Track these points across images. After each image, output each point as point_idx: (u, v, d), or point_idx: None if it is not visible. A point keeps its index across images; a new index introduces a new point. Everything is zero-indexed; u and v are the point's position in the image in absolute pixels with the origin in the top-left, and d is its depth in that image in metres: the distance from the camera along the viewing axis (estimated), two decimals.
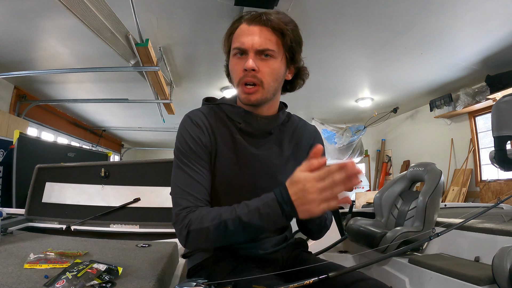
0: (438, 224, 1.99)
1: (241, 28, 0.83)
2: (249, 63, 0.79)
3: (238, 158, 0.86)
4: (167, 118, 6.11)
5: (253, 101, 0.83)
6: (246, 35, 0.81)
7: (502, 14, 3.09)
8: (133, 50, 3.39)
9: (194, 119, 0.87)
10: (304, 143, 0.95)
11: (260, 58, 0.81)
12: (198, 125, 0.85)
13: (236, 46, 0.82)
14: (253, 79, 0.81)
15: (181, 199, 0.77)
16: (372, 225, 2.19)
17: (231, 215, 0.71)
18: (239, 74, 0.82)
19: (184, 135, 0.84)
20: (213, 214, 0.73)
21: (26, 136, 3.62)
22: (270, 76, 0.82)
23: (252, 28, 0.81)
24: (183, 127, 0.86)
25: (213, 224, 0.71)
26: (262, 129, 0.88)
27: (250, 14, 0.84)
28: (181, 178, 0.80)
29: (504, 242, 1.50)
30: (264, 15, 0.81)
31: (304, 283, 0.70)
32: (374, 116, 6.58)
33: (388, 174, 7.52)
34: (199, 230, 0.72)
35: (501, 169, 1.53)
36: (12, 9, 2.97)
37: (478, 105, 4.90)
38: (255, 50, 0.80)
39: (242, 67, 0.81)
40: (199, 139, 0.84)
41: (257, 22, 0.81)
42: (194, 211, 0.75)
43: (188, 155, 0.82)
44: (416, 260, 1.79)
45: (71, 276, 0.72)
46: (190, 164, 0.81)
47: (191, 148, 0.82)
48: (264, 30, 0.81)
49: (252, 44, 0.80)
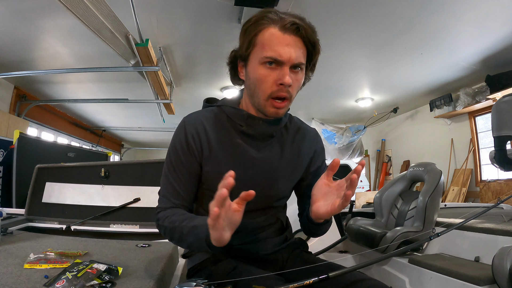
0: (438, 224, 1.99)
1: (273, 34, 0.76)
2: (288, 79, 0.76)
3: (237, 162, 0.85)
4: (167, 118, 6.11)
5: (281, 115, 0.83)
6: (282, 45, 0.75)
7: (502, 14, 3.09)
8: (133, 50, 3.39)
9: (188, 127, 0.86)
10: (306, 147, 0.95)
11: (292, 71, 0.78)
12: (191, 134, 0.86)
13: (271, 56, 0.76)
14: (286, 94, 0.79)
15: (161, 198, 0.88)
16: (372, 225, 2.18)
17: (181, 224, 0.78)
18: (271, 87, 0.78)
19: (176, 143, 0.87)
20: (173, 218, 0.80)
21: (26, 136, 3.61)
22: (297, 89, 0.82)
23: (287, 37, 0.76)
24: (176, 135, 0.88)
25: (169, 227, 0.80)
26: (265, 132, 0.87)
27: (277, 15, 0.77)
28: (164, 182, 0.88)
29: (504, 242, 1.49)
30: (299, 24, 0.76)
31: (304, 283, 0.70)
32: (374, 116, 6.58)
33: (388, 174, 7.52)
34: (160, 226, 0.83)
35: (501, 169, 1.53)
36: (12, 9, 2.97)
37: (478, 105, 4.90)
38: (292, 64, 0.77)
39: (274, 80, 0.77)
40: (188, 149, 0.85)
41: (292, 31, 0.76)
42: (165, 210, 0.84)
43: (175, 162, 0.87)
44: (416, 260, 1.78)
45: (71, 276, 0.72)
46: (173, 171, 0.86)
47: (179, 156, 0.86)
48: (299, 42, 0.77)
49: (290, 57, 0.76)
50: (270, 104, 0.80)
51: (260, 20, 0.78)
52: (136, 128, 8.19)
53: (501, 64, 4.14)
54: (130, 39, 3.21)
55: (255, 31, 0.78)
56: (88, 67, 4.11)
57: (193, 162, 0.86)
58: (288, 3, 2.91)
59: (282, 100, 0.79)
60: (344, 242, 2.35)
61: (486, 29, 3.37)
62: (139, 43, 3.31)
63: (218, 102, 0.93)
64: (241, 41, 0.82)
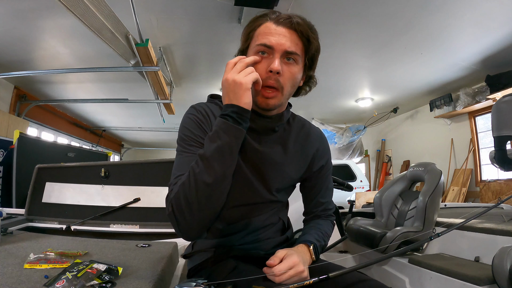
0: (438, 224, 1.99)
1: (267, 25, 0.80)
2: (276, 65, 0.76)
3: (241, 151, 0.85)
4: (167, 118, 6.11)
5: (271, 106, 0.81)
6: (273, 34, 0.78)
7: (502, 14, 3.09)
8: (133, 50, 3.39)
9: (198, 108, 0.86)
10: (309, 146, 0.95)
11: (284, 62, 0.78)
12: (202, 114, 0.85)
13: (262, 43, 0.78)
14: (276, 83, 0.78)
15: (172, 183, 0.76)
16: (372, 225, 2.18)
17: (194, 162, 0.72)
18: (261, 74, 0.77)
19: (187, 122, 0.84)
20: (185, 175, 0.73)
21: (26, 136, 3.61)
22: (290, 81, 0.80)
23: (280, 28, 0.78)
24: (187, 115, 0.86)
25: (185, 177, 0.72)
26: (266, 126, 0.87)
27: (275, 13, 0.81)
28: (178, 163, 0.80)
29: (504, 242, 1.50)
30: (293, 18, 0.78)
31: (304, 283, 0.70)
32: (374, 116, 6.59)
33: (388, 174, 7.52)
34: (177, 193, 0.71)
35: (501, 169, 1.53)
36: (12, 9, 2.97)
37: (478, 105, 4.90)
38: (283, 52, 0.77)
39: (265, 67, 0.77)
40: (200, 125, 0.83)
41: (286, 24, 0.78)
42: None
43: (188, 140, 0.81)
44: (416, 260, 1.78)
45: (71, 276, 0.72)
46: (188, 148, 0.80)
47: (192, 133, 0.82)
48: (293, 33, 0.78)
49: (281, 44, 0.77)
50: (260, 94, 0.80)
51: (259, 17, 0.82)
52: (136, 128, 8.20)
53: (501, 64, 4.14)
54: (130, 39, 3.21)
55: (253, 26, 0.82)
56: (88, 67, 4.11)
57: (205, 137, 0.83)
58: (288, 3, 2.92)
59: (272, 89, 0.79)
60: (344, 242, 2.35)
61: (486, 29, 3.37)
62: (139, 43, 3.31)
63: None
64: (241, 38, 0.85)
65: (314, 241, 0.87)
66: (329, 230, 0.97)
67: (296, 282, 0.72)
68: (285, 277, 0.73)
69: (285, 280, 0.73)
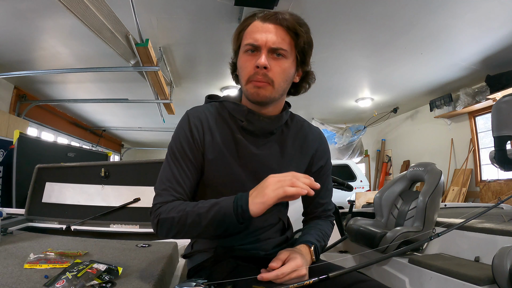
0: (438, 224, 1.99)
1: (254, 24, 0.81)
2: (262, 60, 0.77)
3: (238, 157, 0.85)
4: (167, 118, 6.11)
5: (261, 97, 0.81)
6: (260, 31, 0.79)
7: (502, 14, 3.09)
8: (133, 50, 3.39)
9: (192, 118, 0.86)
10: (308, 147, 0.94)
11: (272, 57, 0.79)
12: (195, 125, 0.85)
13: (249, 42, 0.80)
14: (264, 78, 0.79)
15: (160, 193, 0.81)
16: (372, 225, 2.18)
17: (193, 208, 0.75)
18: (249, 71, 0.80)
19: (179, 134, 0.86)
20: (181, 207, 0.77)
21: (26, 136, 3.62)
22: (280, 76, 0.81)
23: (266, 25, 0.79)
24: (180, 126, 0.87)
25: (178, 216, 0.76)
26: (264, 128, 0.87)
27: (264, 12, 0.82)
28: (165, 174, 0.83)
29: (504, 242, 1.49)
30: (280, 14, 0.80)
31: (304, 283, 0.70)
32: (374, 116, 6.59)
33: (388, 174, 7.52)
34: (165, 219, 0.77)
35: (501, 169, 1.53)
36: (12, 9, 2.97)
37: (478, 105, 4.90)
38: (269, 48, 0.78)
39: (253, 64, 0.79)
40: (192, 139, 0.84)
41: (272, 20, 0.79)
42: (167, 204, 0.79)
43: (178, 153, 0.84)
44: (416, 260, 1.78)
45: (71, 276, 0.72)
46: (177, 162, 0.83)
47: (183, 147, 0.84)
48: (279, 29, 0.79)
49: (266, 41, 0.78)
50: (250, 87, 0.81)
51: (248, 17, 0.84)
52: (136, 128, 8.20)
53: (501, 64, 4.14)
54: (130, 39, 3.21)
55: (243, 26, 0.84)
56: (88, 67, 4.11)
57: (197, 154, 0.84)
58: (288, 3, 2.92)
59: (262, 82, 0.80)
60: (344, 242, 2.35)
61: (486, 29, 3.37)
62: (139, 43, 3.31)
63: (220, 98, 0.94)
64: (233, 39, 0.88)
65: (315, 241, 0.87)
66: (329, 231, 0.97)
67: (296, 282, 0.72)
68: (285, 278, 0.74)
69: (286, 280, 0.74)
